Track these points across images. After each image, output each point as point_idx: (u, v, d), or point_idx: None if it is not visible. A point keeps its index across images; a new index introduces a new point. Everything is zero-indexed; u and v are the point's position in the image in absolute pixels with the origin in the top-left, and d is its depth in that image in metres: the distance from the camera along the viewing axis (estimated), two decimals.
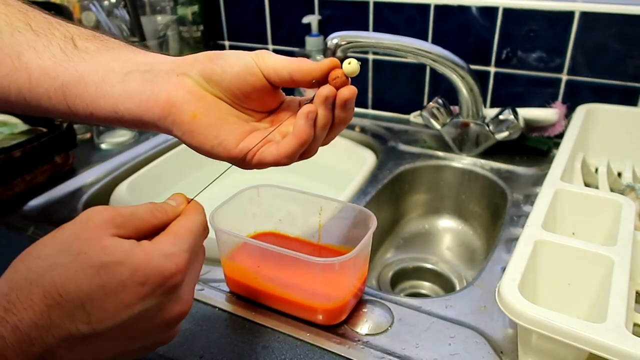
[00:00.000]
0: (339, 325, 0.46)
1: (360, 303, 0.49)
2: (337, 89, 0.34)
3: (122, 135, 0.87)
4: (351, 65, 0.34)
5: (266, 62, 0.34)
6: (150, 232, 0.31)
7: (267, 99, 0.37)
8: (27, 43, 0.34)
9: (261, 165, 0.36)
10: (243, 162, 0.36)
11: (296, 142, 0.34)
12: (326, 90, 0.34)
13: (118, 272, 0.27)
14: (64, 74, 0.34)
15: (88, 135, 0.89)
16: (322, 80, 0.34)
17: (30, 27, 0.35)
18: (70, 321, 0.26)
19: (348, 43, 0.67)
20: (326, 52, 0.68)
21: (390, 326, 0.46)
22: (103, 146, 0.86)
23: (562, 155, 0.60)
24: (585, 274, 0.44)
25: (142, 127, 0.36)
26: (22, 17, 0.35)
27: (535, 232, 0.45)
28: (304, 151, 0.36)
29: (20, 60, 0.34)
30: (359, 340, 0.45)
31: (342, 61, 0.34)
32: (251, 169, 0.37)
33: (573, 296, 0.45)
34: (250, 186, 0.52)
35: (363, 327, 0.46)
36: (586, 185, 0.65)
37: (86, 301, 0.26)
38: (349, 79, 0.35)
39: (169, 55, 0.38)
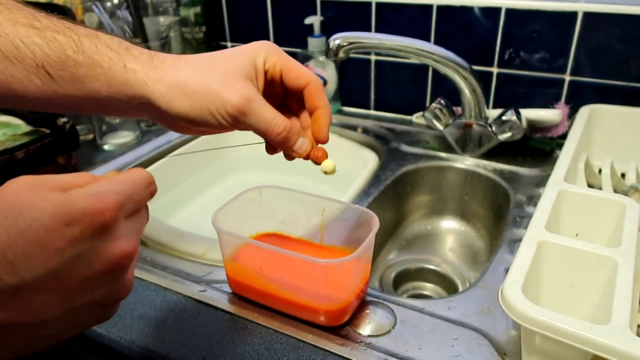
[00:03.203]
0: (342, 327, 0.46)
1: (362, 304, 0.49)
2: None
3: (124, 137, 0.87)
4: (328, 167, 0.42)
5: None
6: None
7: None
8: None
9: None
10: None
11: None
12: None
13: (37, 216, 0.25)
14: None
15: (91, 136, 0.89)
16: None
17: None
18: None
19: (350, 44, 0.67)
20: (328, 52, 0.68)
21: (392, 327, 0.46)
22: (106, 147, 0.86)
23: (565, 156, 0.60)
24: (589, 276, 0.43)
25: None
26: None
27: (538, 233, 0.45)
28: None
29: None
30: (361, 342, 0.45)
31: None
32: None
33: (577, 298, 0.44)
34: (252, 187, 0.52)
35: (365, 329, 0.46)
36: (589, 186, 0.65)
37: (6, 250, 0.24)
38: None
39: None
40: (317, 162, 0.42)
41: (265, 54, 0.40)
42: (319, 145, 0.42)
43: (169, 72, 0.38)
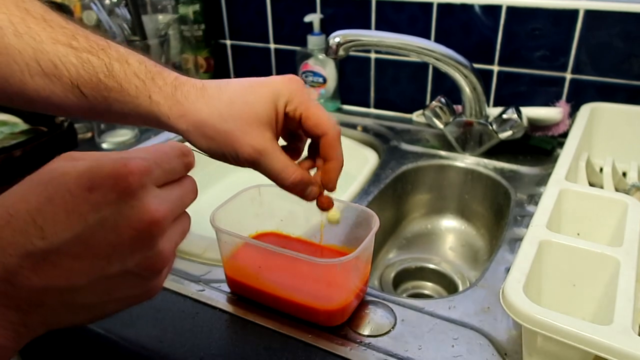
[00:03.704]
0: (341, 327, 0.46)
1: (362, 304, 0.49)
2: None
3: (123, 135, 0.87)
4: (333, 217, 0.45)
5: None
6: None
7: None
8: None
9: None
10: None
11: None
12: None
13: (63, 181, 0.26)
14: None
15: (89, 134, 0.89)
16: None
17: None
18: (25, 237, 0.25)
19: (350, 42, 0.66)
20: (328, 50, 0.67)
21: (392, 327, 0.46)
22: (104, 145, 0.85)
23: (566, 154, 0.59)
24: (590, 275, 0.43)
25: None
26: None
27: (539, 232, 0.45)
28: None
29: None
30: (361, 342, 0.44)
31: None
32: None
33: (578, 297, 0.44)
34: (251, 186, 0.52)
35: (365, 329, 0.46)
36: (591, 185, 0.64)
37: (36, 215, 0.25)
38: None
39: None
40: (323, 209, 0.44)
41: (287, 97, 0.40)
42: (327, 193, 0.43)
43: (190, 110, 0.39)
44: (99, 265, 0.26)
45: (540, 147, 0.77)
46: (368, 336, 0.45)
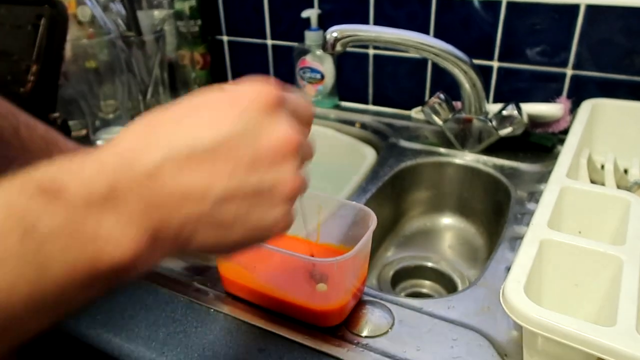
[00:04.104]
0: (338, 327, 0.45)
1: (359, 304, 0.48)
2: None
3: (118, 132, 0.86)
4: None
5: None
6: None
7: None
8: None
9: None
10: None
11: None
12: None
13: (210, 94, 0.28)
14: None
15: (84, 131, 0.88)
16: None
17: None
18: (169, 136, 0.26)
19: (348, 37, 0.65)
20: (326, 46, 0.66)
21: (390, 328, 0.45)
22: (99, 142, 0.84)
23: (567, 151, 0.58)
24: (592, 275, 0.42)
25: None
26: None
27: (540, 231, 0.44)
28: None
29: None
30: (358, 343, 0.43)
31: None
32: None
33: (580, 297, 0.43)
34: None
35: (362, 329, 0.45)
36: (592, 182, 0.63)
37: (181, 119, 0.27)
38: None
39: None
40: None
41: None
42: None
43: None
44: (239, 172, 0.27)
45: (540, 144, 0.76)
46: (365, 337, 0.44)
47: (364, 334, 0.44)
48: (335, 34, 0.65)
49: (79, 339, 0.46)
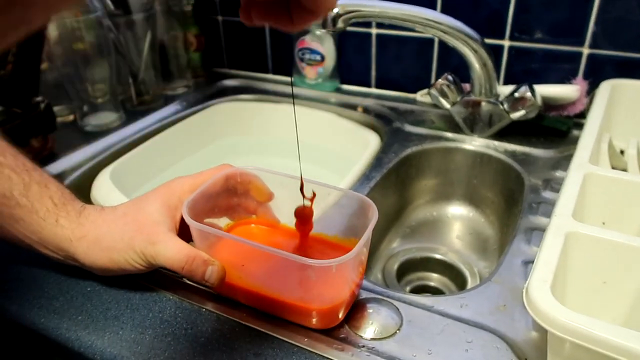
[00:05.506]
0: (340, 329, 0.41)
1: (364, 302, 0.44)
2: None
3: (107, 117, 0.81)
4: None
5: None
6: None
7: None
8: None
9: None
10: None
11: None
12: None
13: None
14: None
15: (71, 117, 0.83)
16: None
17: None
18: None
19: (349, 12, 0.60)
20: (326, 23, 0.61)
21: (398, 329, 0.41)
22: (87, 129, 0.80)
23: (588, 135, 0.54)
24: (623, 271, 0.38)
25: None
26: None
27: (565, 222, 0.40)
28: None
29: None
30: (363, 346, 0.40)
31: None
32: None
33: (609, 296, 0.39)
34: (229, 169, 0.46)
35: (368, 331, 0.41)
36: (613, 169, 0.59)
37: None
38: None
39: None
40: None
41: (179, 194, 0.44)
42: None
43: (90, 229, 0.43)
44: None
45: (555, 128, 0.71)
46: (371, 339, 0.40)
47: (370, 336, 0.40)
48: (336, 10, 0.60)
49: (60, 343, 0.42)
